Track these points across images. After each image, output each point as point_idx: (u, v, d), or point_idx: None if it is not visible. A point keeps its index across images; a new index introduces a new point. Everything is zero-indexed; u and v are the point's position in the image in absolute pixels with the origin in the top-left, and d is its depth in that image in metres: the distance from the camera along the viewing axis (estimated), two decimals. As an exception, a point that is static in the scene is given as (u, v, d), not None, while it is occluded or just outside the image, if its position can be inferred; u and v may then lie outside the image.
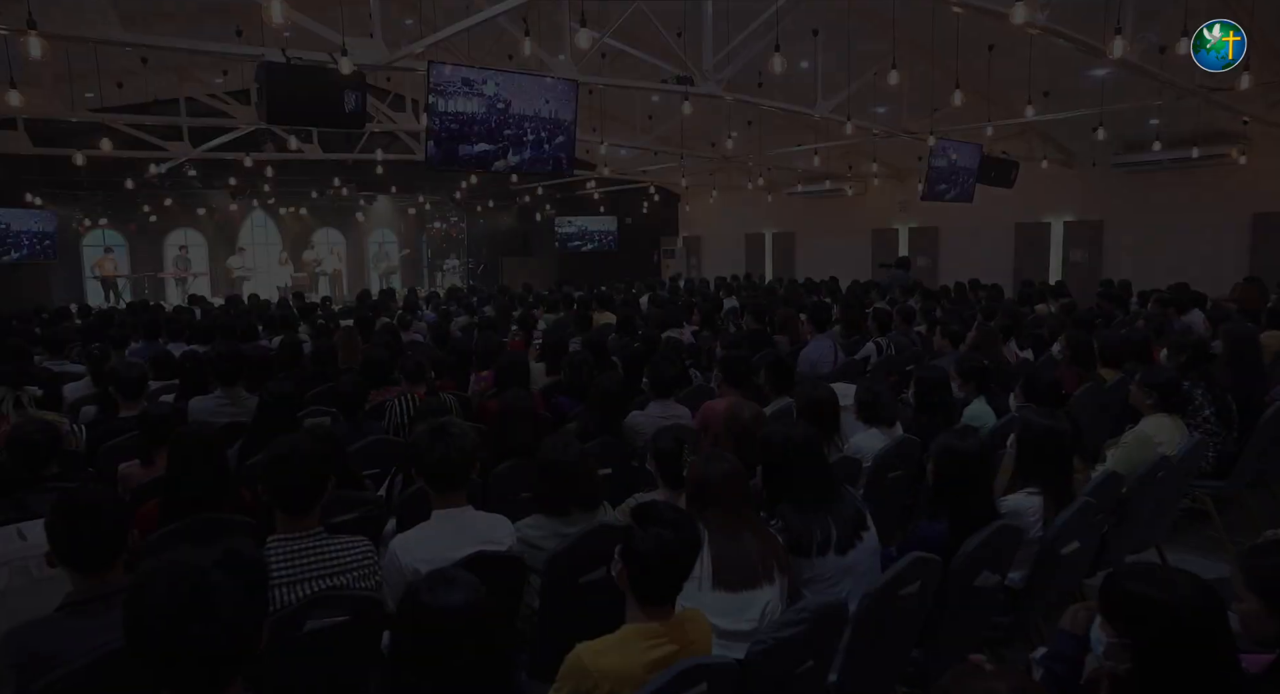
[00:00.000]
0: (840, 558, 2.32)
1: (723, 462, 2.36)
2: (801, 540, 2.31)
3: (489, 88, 5.74)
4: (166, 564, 1.26)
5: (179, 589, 1.20)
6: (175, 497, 2.68)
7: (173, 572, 1.23)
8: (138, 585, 1.25)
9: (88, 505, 1.82)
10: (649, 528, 1.75)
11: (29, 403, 3.77)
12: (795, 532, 2.32)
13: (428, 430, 2.34)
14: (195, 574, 1.23)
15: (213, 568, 1.25)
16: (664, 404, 4.09)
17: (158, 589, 1.21)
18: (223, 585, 1.23)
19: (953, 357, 5.74)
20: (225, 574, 1.24)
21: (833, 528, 2.32)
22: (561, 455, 2.54)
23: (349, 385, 3.86)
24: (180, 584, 1.21)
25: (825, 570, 2.31)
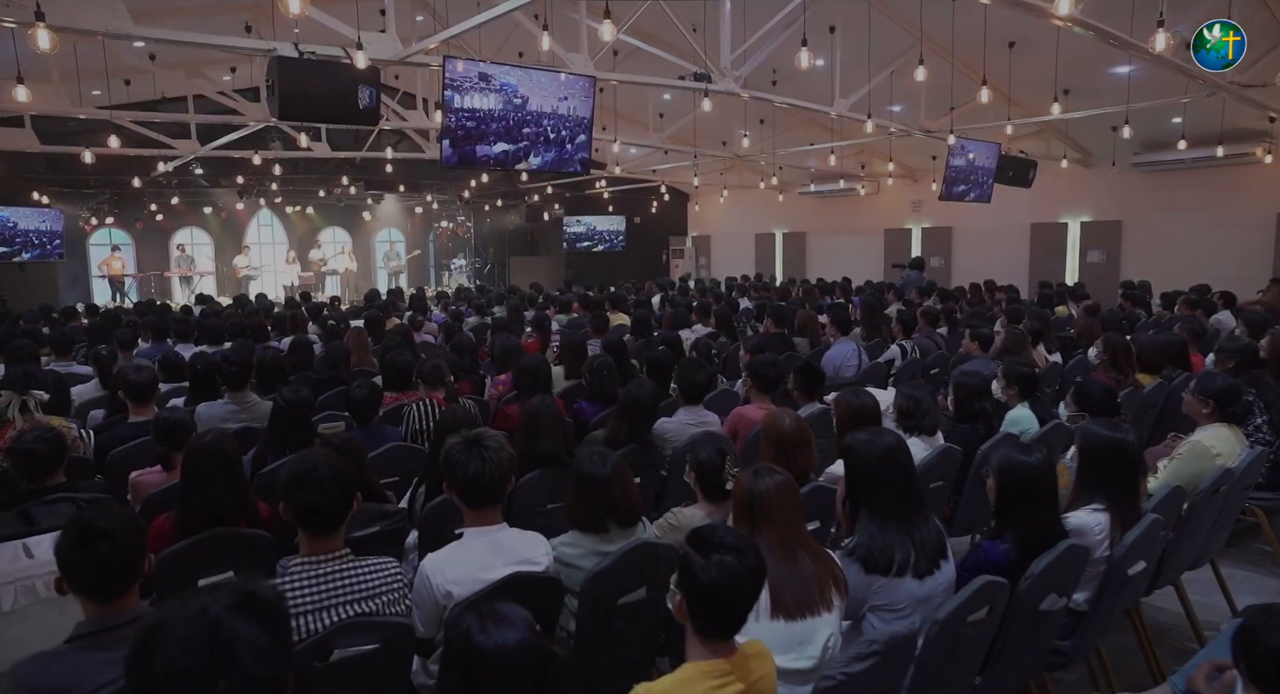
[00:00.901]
0: (916, 585, 2.16)
1: (774, 474, 2.21)
2: (877, 558, 2.15)
3: (510, 77, 5.57)
4: (175, 616, 1.08)
5: (194, 646, 1.04)
6: (190, 511, 2.55)
7: (185, 626, 1.06)
8: (142, 644, 1.07)
9: (101, 531, 1.68)
10: (711, 555, 1.60)
11: (35, 407, 3.64)
12: (872, 547, 2.17)
13: (462, 443, 2.20)
14: (211, 627, 1.06)
15: (229, 614, 1.08)
16: (693, 410, 3.95)
17: (169, 649, 1.04)
18: (243, 635, 1.07)
19: (982, 361, 5.60)
20: (244, 621, 1.09)
21: (913, 550, 2.17)
22: (598, 469, 2.39)
23: (365, 391, 3.72)
24: (195, 641, 1.05)
25: (897, 597, 2.16)
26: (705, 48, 7.50)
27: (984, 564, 2.28)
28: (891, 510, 2.24)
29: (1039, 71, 9.90)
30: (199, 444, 2.61)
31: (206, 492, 2.57)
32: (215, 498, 2.58)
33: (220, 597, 1.09)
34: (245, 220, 17.79)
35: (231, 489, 2.62)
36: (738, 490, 2.23)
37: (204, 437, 2.66)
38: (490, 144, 5.69)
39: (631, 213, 18.99)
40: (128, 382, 3.85)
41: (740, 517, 2.19)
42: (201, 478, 2.56)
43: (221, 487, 2.59)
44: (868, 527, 2.22)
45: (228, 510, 2.62)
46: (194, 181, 15.10)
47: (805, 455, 2.91)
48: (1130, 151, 11.77)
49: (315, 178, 15.73)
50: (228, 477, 2.62)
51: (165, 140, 10.40)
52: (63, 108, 7.88)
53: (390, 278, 18.75)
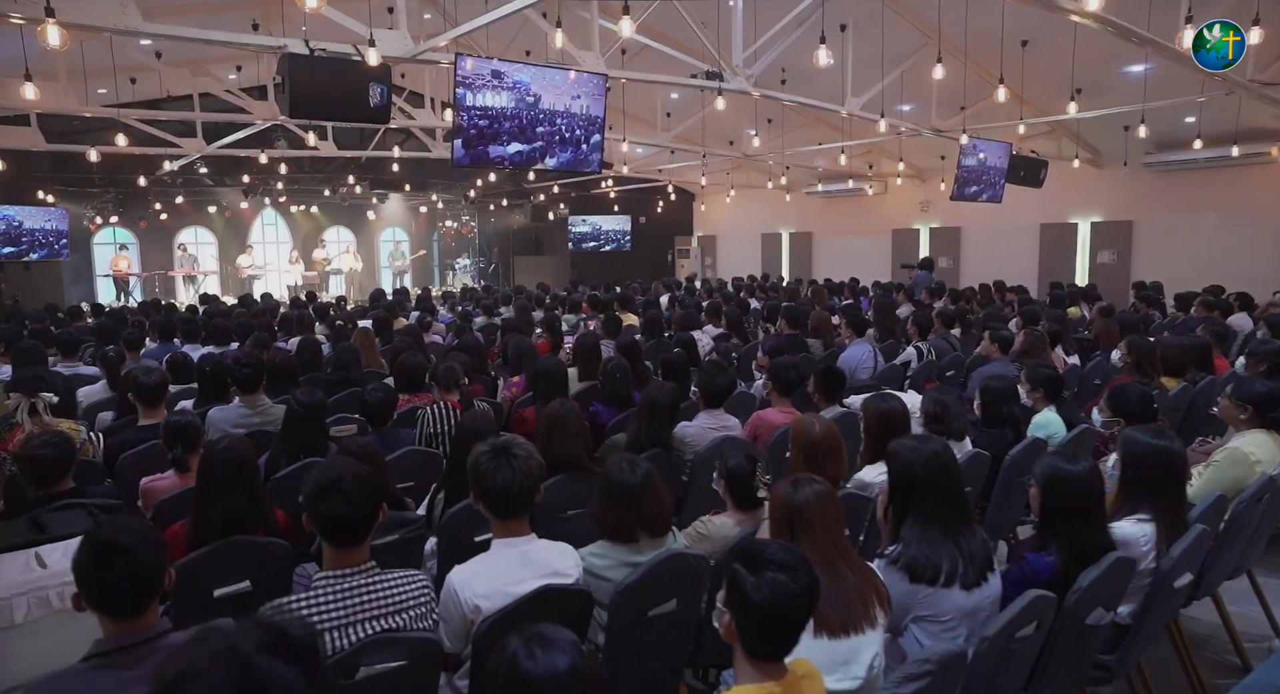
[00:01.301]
0: (963, 597, 2.08)
1: (813, 484, 2.13)
2: (924, 567, 2.07)
3: (523, 75, 5.49)
4: (203, 657, 1.03)
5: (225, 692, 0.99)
6: (206, 519, 2.47)
7: (214, 671, 1.01)
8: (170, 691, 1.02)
9: (120, 546, 1.60)
10: (763, 573, 1.52)
11: (45, 410, 3.57)
12: (918, 556, 2.09)
13: (490, 452, 2.12)
14: (242, 669, 1.01)
15: (260, 656, 1.03)
16: (714, 414, 3.87)
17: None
18: (276, 677, 1.02)
19: (1001, 363, 5.51)
20: (276, 662, 1.03)
21: (961, 560, 2.09)
22: (629, 477, 2.32)
23: (380, 395, 3.64)
24: (225, 687, 1.00)
25: (942, 609, 2.08)
26: (714, 46, 7.42)
27: (1028, 577, 2.20)
28: (937, 519, 2.17)
29: (1051, 70, 9.81)
30: (215, 450, 2.53)
31: (223, 499, 2.49)
32: (232, 505, 2.51)
33: (250, 635, 1.03)
34: (249, 219, 17.72)
35: (248, 496, 2.55)
36: (775, 501, 2.15)
37: (220, 442, 2.58)
38: (504, 144, 5.61)
39: (637, 212, 18.92)
40: (138, 384, 3.78)
41: (779, 529, 2.11)
42: (218, 485, 2.49)
43: (239, 494, 2.52)
44: (914, 535, 2.14)
45: (244, 518, 2.54)
46: (198, 181, 15.05)
47: (836, 462, 2.83)
48: (1142, 151, 11.67)
49: (320, 177, 15.67)
50: (245, 483, 2.55)
51: (171, 139, 10.34)
52: (69, 105, 7.82)
53: (395, 277, 18.68)
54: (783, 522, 2.10)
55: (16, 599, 2.14)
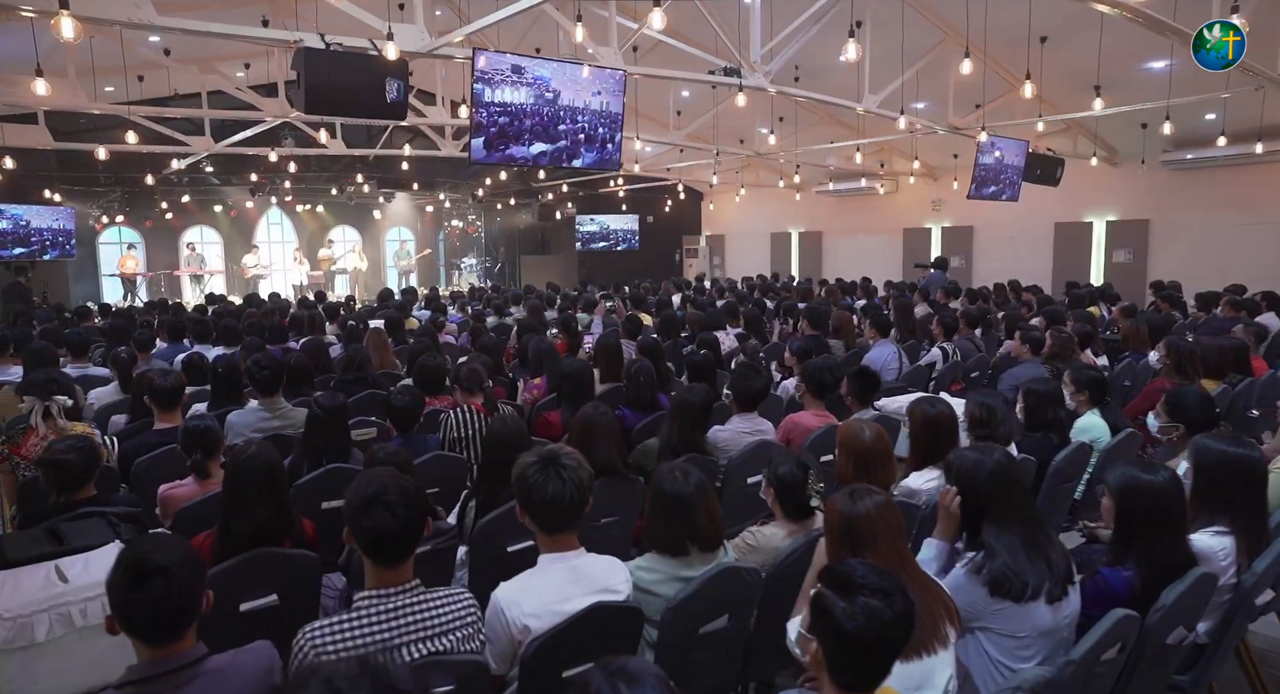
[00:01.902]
0: (1044, 616, 1.96)
1: (871, 495, 2.01)
2: (1011, 582, 1.96)
3: (543, 71, 5.37)
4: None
5: None
6: (232, 530, 2.36)
7: None
8: None
9: (156, 567, 1.49)
10: (855, 598, 1.40)
11: (59, 413, 3.46)
12: (1006, 570, 1.97)
13: (537, 463, 2.01)
14: None
15: None
16: (748, 418, 3.76)
17: None
18: None
19: (1032, 365, 5.39)
20: None
21: (1048, 576, 1.98)
22: (682, 487, 2.20)
23: (407, 398, 3.53)
24: None
25: (1019, 626, 1.97)
26: (729, 42, 7.30)
27: (1105, 593, 2.08)
28: (1018, 532, 2.06)
29: (1070, 67, 9.68)
30: (242, 458, 2.42)
31: (251, 509, 2.38)
32: (260, 516, 2.40)
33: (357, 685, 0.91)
34: (255, 219, 17.63)
35: (277, 506, 2.44)
36: (832, 515, 2.03)
37: (247, 449, 2.47)
38: (527, 144, 5.48)
39: (645, 212, 18.80)
40: (154, 386, 3.67)
41: (838, 545, 2.00)
42: (246, 494, 2.38)
43: (267, 504, 2.41)
44: (1000, 545, 2.02)
45: (272, 529, 2.43)
46: (205, 180, 14.95)
47: (886, 469, 2.71)
48: (1159, 149, 11.52)
49: (328, 175, 15.56)
50: (273, 492, 2.44)
51: (179, 137, 10.24)
52: (78, 102, 7.72)
53: (400, 277, 18.58)
54: (842, 537, 1.98)
55: (38, 617, 2.03)
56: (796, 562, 2.44)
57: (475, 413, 3.84)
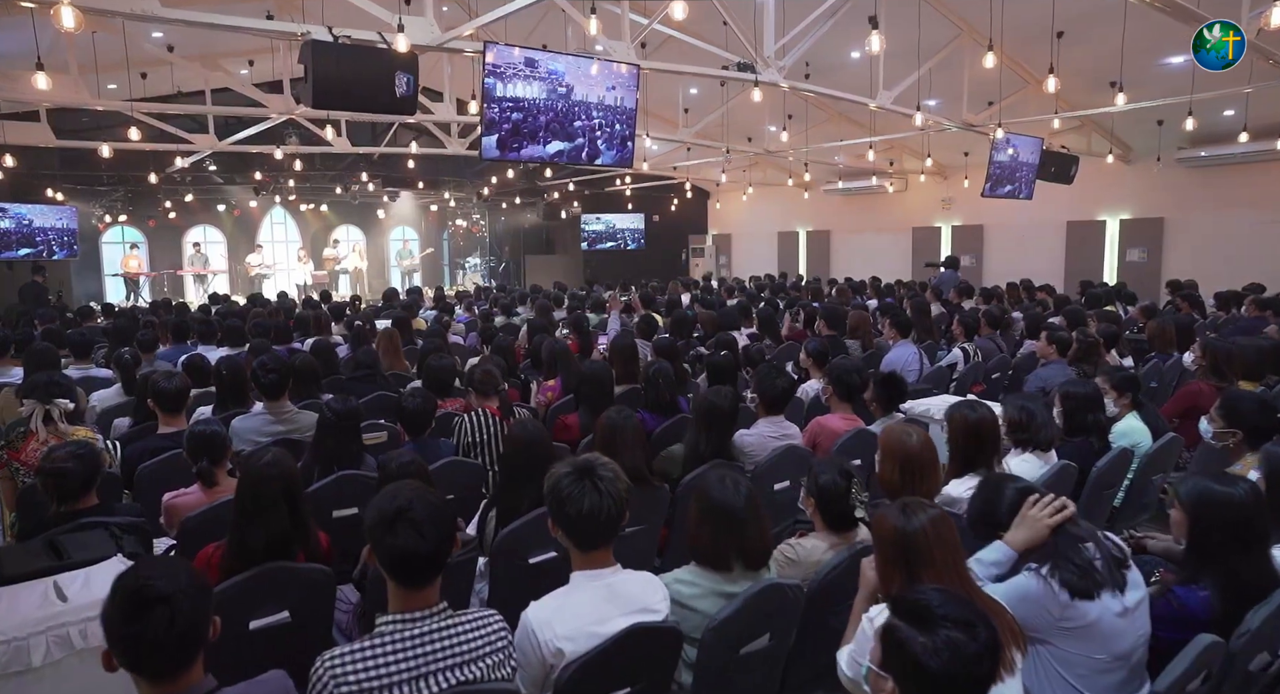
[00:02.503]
0: (1117, 631, 1.84)
1: (926, 509, 1.87)
2: (1083, 575, 1.85)
3: (557, 64, 5.23)
4: None
5: None
6: (245, 542, 2.23)
7: None
8: None
9: (158, 596, 1.35)
10: (936, 631, 1.26)
11: (60, 417, 3.32)
12: (1078, 567, 1.87)
13: (572, 474, 1.86)
14: None
15: None
16: (774, 422, 3.61)
17: None
18: None
19: (1059, 366, 5.24)
20: None
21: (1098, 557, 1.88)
22: (732, 499, 2.06)
23: (419, 401, 3.39)
24: None
25: (1087, 644, 1.83)
26: (741, 38, 7.16)
27: (1181, 614, 1.93)
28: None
29: (1086, 63, 9.53)
30: (258, 466, 2.28)
31: (266, 521, 2.25)
32: (275, 527, 2.27)
33: None
34: (258, 218, 17.52)
35: (293, 517, 2.31)
36: (885, 532, 1.88)
37: (262, 456, 2.33)
38: (543, 143, 5.34)
39: (651, 211, 18.66)
40: (158, 389, 3.54)
41: (891, 564, 1.85)
42: (261, 505, 2.25)
43: (282, 514, 2.28)
44: (1064, 544, 1.90)
45: (286, 541, 2.30)
46: (208, 179, 14.83)
47: (933, 477, 2.57)
48: (1175, 146, 11.36)
49: (331, 174, 15.44)
50: (290, 503, 2.30)
51: (183, 135, 10.11)
52: (80, 98, 7.59)
53: (403, 277, 18.44)
54: (895, 555, 1.84)
55: (34, 639, 1.89)
56: (839, 577, 2.30)
57: (490, 416, 3.70)
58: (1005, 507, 2.17)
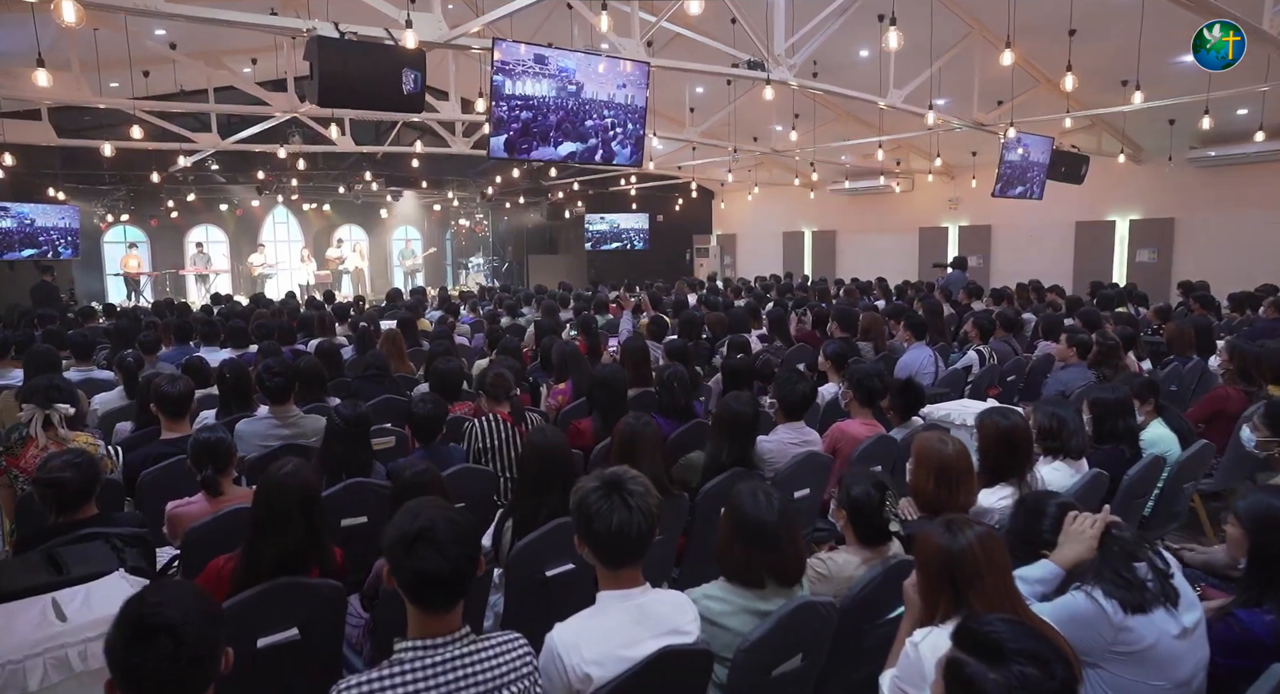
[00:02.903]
0: (1176, 634, 1.74)
1: (971, 526, 1.77)
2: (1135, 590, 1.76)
3: (568, 61, 5.13)
4: None
5: None
6: (258, 556, 2.13)
7: None
8: None
9: (164, 624, 1.25)
10: (1008, 667, 1.16)
11: (60, 423, 3.23)
12: (1128, 582, 1.78)
13: (600, 488, 1.76)
14: None
15: None
16: (794, 428, 3.51)
17: None
18: None
19: (1079, 369, 5.14)
20: None
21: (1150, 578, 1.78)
22: (766, 514, 1.96)
23: (430, 407, 3.29)
24: None
25: (1142, 669, 1.73)
26: (751, 35, 7.07)
27: (1244, 639, 1.83)
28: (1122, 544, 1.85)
29: (1098, 62, 9.41)
30: (277, 477, 2.19)
31: (282, 533, 2.16)
32: (291, 541, 2.17)
33: None
34: (260, 218, 17.43)
35: (310, 530, 2.21)
36: (929, 550, 1.78)
37: (282, 466, 2.23)
38: (554, 144, 5.24)
39: (655, 211, 18.55)
40: (161, 394, 3.44)
41: (936, 586, 1.75)
42: (278, 517, 2.15)
43: (299, 527, 2.19)
44: (1114, 560, 1.80)
45: (301, 554, 2.20)
46: (210, 178, 14.75)
47: (969, 488, 2.47)
48: (1186, 146, 11.25)
49: (335, 174, 15.34)
50: (307, 516, 2.21)
51: (185, 134, 10.02)
52: (82, 96, 7.50)
53: (406, 277, 18.34)
54: (941, 576, 1.74)
55: (30, 661, 1.79)
56: (872, 593, 2.20)
57: (501, 422, 3.60)
58: (1048, 524, 2.07)
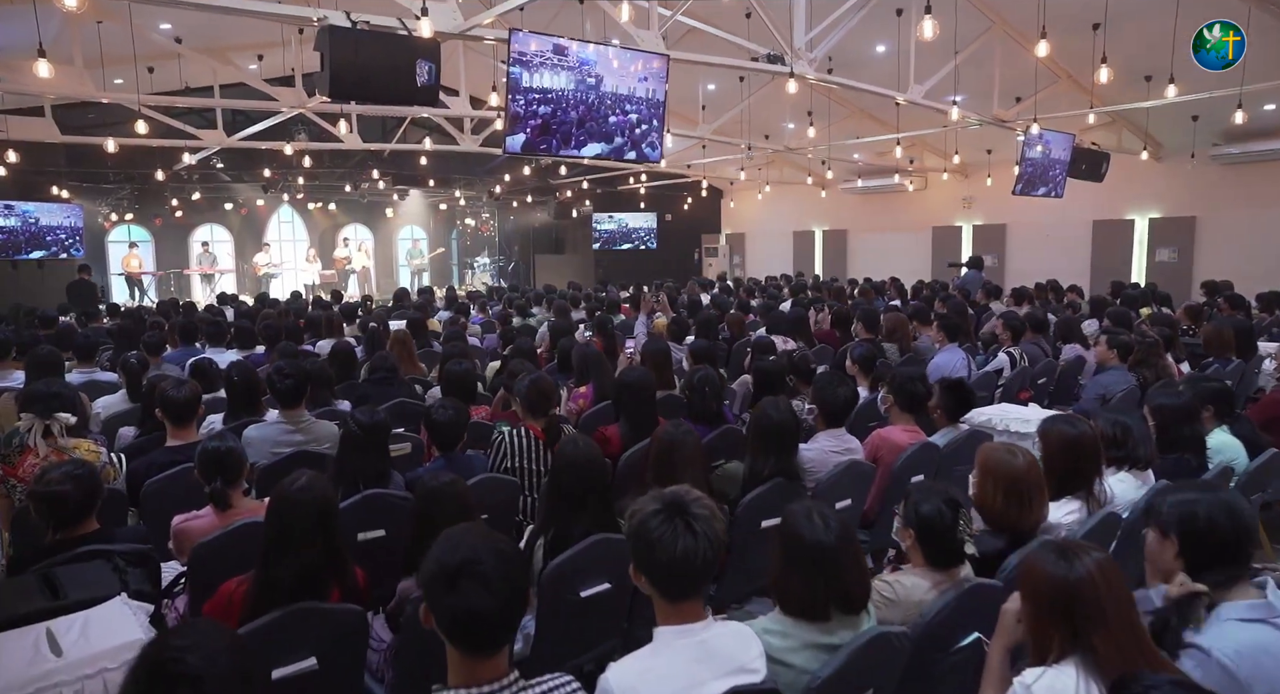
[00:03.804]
0: None
1: (1088, 551, 1.58)
2: None
3: (588, 53, 4.94)
4: None
5: None
6: (274, 579, 1.95)
7: None
8: None
9: (188, 675, 1.07)
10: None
11: (60, 432, 3.05)
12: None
13: (662, 512, 1.57)
14: None
15: None
16: (835, 435, 3.32)
17: None
18: None
19: (1120, 371, 4.94)
20: None
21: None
22: (822, 535, 1.77)
23: (451, 413, 3.09)
24: None
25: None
26: (771, 29, 6.87)
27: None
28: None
29: (1120, 57, 9.19)
30: (291, 492, 2.01)
31: (299, 554, 1.98)
32: (309, 561, 1.99)
33: None
34: (265, 217, 17.29)
35: (328, 548, 2.03)
36: (1039, 580, 1.58)
37: (295, 480, 2.05)
38: (579, 145, 5.04)
39: (663, 210, 18.36)
40: (166, 399, 3.25)
41: (1049, 620, 1.55)
42: (294, 537, 1.98)
43: (317, 545, 2.01)
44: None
45: (320, 575, 2.02)
46: (215, 177, 14.59)
47: (1041, 502, 2.28)
48: (1209, 142, 11.02)
49: (341, 172, 15.17)
50: (326, 533, 2.03)
51: (190, 131, 9.85)
52: (86, 91, 7.33)
53: (412, 277, 18.17)
54: (1055, 610, 1.54)
55: (22, 703, 1.61)
56: (945, 621, 2.01)
57: (535, 440, 3.32)
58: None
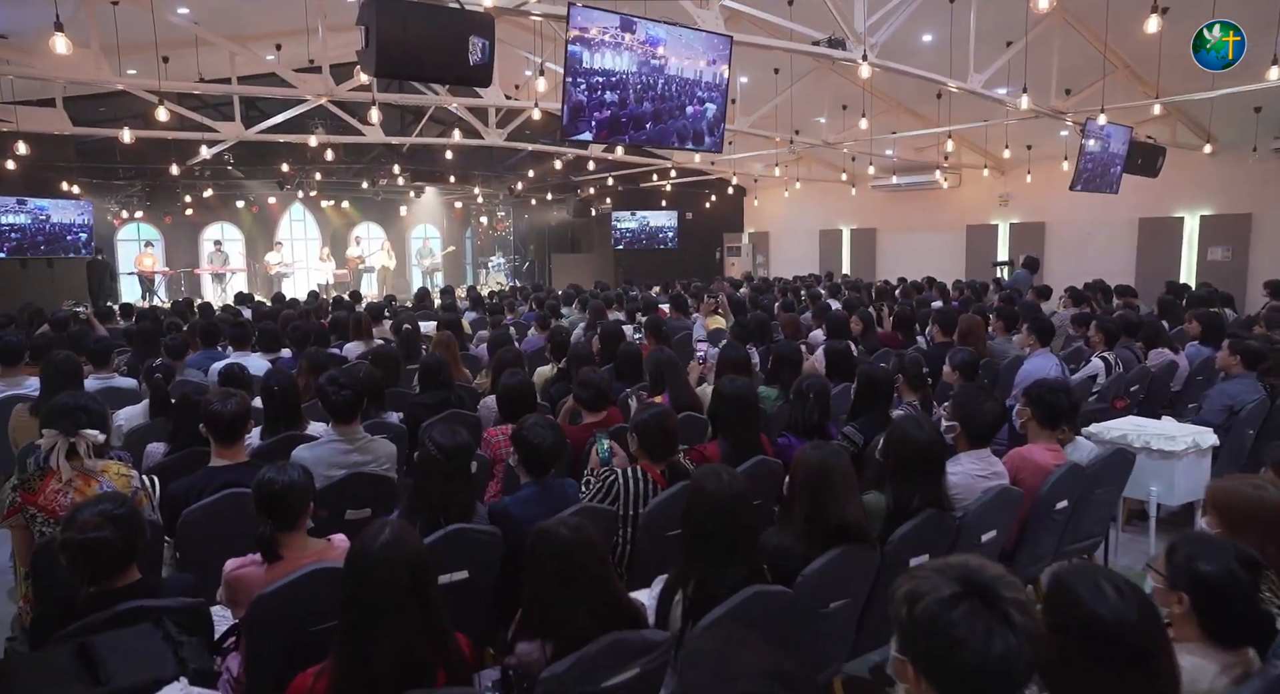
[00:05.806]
0: None
1: None
2: None
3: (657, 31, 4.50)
4: None
5: None
6: (363, 666, 1.50)
7: None
8: None
9: None
10: None
11: (88, 452, 2.61)
12: None
13: (962, 597, 1.09)
14: None
15: None
16: (979, 457, 2.87)
17: None
18: None
19: (1249, 380, 4.49)
20: None
21: None
22: (1123, 611, 1.33)
23: (549, 435, 2.62)
24: None
25: None
26: (834, 13, 6.44)
27: None
28: None
29: (1179, 47, 8.73)
30: (376, 552, 1.56)
31: (391, 631, 1.53)
32: (403, 639, 1.54)
33: None
34: (277, 215, 16.89)
35: (426, 622, 1.58)
36: None
37: (378, 536, 1.60)
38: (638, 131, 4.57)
39: (685, 208, 17.91)
40: (212, 414, 2.81)
41: None
42: (385, 610, 1.52)
43: (412, 618, 1.56)
44: None
45: (420, 658, 1.57)
46: (228, 173, 14.18)
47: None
48: (1271, 135, 10.54)
49: (358, 167, 14.75)
50: (421, 603, 1.58)
51: (207, 123, 9.44)
52: (101, 76, 6.91)
53: (424, 276, 17.73)
54: None
55: None
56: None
57: (654, 484, 2.78)
58: None
